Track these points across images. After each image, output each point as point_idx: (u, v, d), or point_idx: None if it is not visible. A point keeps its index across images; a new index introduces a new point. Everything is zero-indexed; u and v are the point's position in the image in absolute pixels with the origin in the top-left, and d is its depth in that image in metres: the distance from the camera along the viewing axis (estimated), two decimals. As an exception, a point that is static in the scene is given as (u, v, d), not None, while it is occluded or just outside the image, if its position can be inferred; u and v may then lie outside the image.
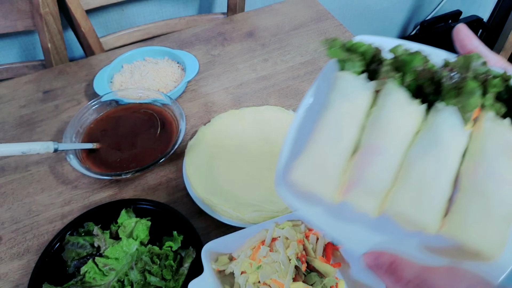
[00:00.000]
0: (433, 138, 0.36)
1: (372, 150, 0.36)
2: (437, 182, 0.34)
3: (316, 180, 0.36)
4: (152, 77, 0.87)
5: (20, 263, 0.63)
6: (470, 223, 0.33)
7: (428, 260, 0.35)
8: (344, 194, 0.36)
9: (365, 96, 0.39)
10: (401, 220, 0.35)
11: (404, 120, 0.37)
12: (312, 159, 0.36)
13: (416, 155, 0.35)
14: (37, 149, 0.63)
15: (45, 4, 0.99)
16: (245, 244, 0.56)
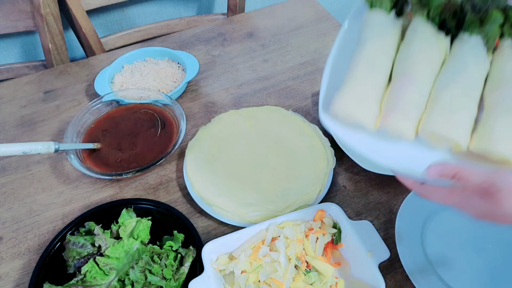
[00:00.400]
0: (458, 66, 0.40)
1: (405, 80, 0.40)
2: (465, 104, 0.38)
3: (358, 109, 0.40)
4: (152, 78, 0.87)
5: (21, 262, 0.63)
6: (497, 136, 0.36)
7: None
8: (383, 119, 0.40)
9: (394, 32, 0.43)
10: (435, 139, 0.39)
11: (432, 52, 0.41)
12: (352, 90, 0.41)
13: (445, 82, 0.40)
14: (38, 149, 0.63)
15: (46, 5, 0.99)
16: (245, 244, 0.57)
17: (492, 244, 0.61)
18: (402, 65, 0.42)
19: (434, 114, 0.39)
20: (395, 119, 0.40)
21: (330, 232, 0.58)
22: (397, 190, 0.69)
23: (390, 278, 0.59)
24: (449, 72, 0.41)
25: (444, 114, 0.39)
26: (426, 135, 0.40)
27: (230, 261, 0.55)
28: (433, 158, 0.39)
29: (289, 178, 0.69)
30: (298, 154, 0.72)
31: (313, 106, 0.85)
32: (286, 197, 0.66)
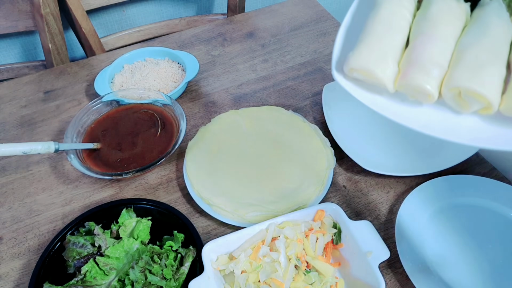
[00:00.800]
0: (483, 28, 0.37)
1: (425, 38, 0.38)
2: (493, 61, 0.35)
3: (375, 65, 0.37)
4: (152, 78, 0.87)
5: (21, 262, 0.63)
6: None
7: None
8: (402, 77, 0.37)
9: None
10: (461, 100, 0.36)
11: (452, 14, 0.39)
12: (369, 47, 0.38)
13: (468, 42, 0.37)
14: (38, 149, 0.63)
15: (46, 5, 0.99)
16: (245, 244, 0.57)
17: (493, 244, 0.61)
18: (421, 26, 0.39)
19: (460, 70, 0.36)
20: (415, 75, 0.36)
21: (330, 232, 0.58)
22: (397, 190, 0.69)
23: (390, 278, 0.59)
24: (471, 33, 0.38)
25: (471, 69, 0.35)
26: (450, 95, 0.36)
27: (230, 261, 0.55)
28: (459, 122, 0.37)
29: (289, 178, 0.69)
30: (298, 154, 0.72)
31: (313, 106, 0.85)
32: (286, 197, 0.66)
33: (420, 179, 0.70)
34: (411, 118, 0.38)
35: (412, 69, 0.37)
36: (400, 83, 0.38)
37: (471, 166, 0.72)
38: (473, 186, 0.66)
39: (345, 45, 0.41)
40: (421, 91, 0.37)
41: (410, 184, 0.70)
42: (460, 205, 0.65)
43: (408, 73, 0.37)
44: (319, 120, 0.82)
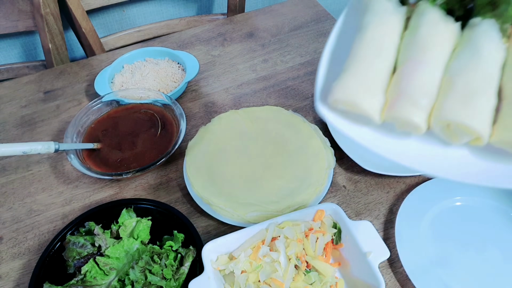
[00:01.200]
0: (473, 51, 0.35)
1: (413, 65, 0.35)
2: (483, 90, 0.33)
3: (360, 96, 0.35)
4: (152, 78, 0.87)
5: (21, 262, 0.63)
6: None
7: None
8: (390, 108, 0.35)
9: (399, 19, 0.39)
10: (450, 132, 0.34)
11: (441, 36, 0.36)
12: (354, 76, 0.36)
13: (459, 67, 0.35)
14: (38, 149, 0.63)
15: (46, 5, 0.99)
16: (245, 244, 0.57)
17: (492, 244, 0.61)
18: (409, 51, 0.37)
19: (449, 101, 0.33)
20: (403, 107, 0.34)
21: (330, 232, 0.58)
22: (397, 190, 0.69)
23: (390, 278, 0.59)
24: (461, 57, 0.36)
25: (460, 100, 0.33)
26: (439, 127, 0.34)
27: (230, 261, 0.55)
28: (448, 155, 0.35)
29: (289, 178, 0.69)
30: (298, 154, 0.72)
31: (313, 106, 0.85)
32: (286, 197, 0.66)
33: (420, 179, 0.70)
34: (399, 151, 0.36)
35: (400, 100, 0.35)
36: (387, 115, 0.35)
37: (471, 166, 0.72)
38: (473, 186, 0.66)
39: (330, 71, 0.39)
40: (409, 124, 0.35)
41: (410, 184, 0.70)
42: (460, 205, 0.65)
43: (396, 105, 0.35)
44: (319, 120, 0.82)
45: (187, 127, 0.80)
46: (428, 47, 0.36)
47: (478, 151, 0.35)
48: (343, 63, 0.37)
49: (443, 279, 0.56)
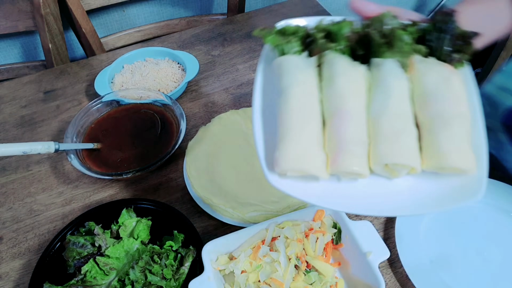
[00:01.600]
0: (385, 91, 0.40)
1: (340, 117, 0.39)
2: (404, 127, 0.39)
3: (304, 161, 0.38)
4: (152, 78, 0.87)
5: (21, 262, 0.63)
6: (445, 151, 0.37)
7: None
8: (333, 165, 0.39)
9: (312, 73, 0.42)
10: (389, 170, 0.39)
11: (356, 83, 0.41)
12: (292, 144, 0.38)
13: (377, 110, 0.40)
14: (38, 149, 0.63)
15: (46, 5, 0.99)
16: (245, 244, 0.57)
17: (492, 244, 0.61)
18: (332, 103, 0.40)
19: (381, 147, 0.38)
20: (343, 161, 0.38)
21: (330, 232, 0.58)
22: (397, 190, 0.69)
23: (390, 278, 0.59)
24: (377, 99, 0.40)
25: (389, 143, 0.38)
26: (379, 168, 0.39)
27: (230, 261, 0.55)
28: (395, 187, 0.39)
29: (289, 178, 0.69)
30: (298, 154, 0.72)
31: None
32: (286, 197, 0.66)
33: (420, 179, 0.70)
34: (354, 200, 0.39)
35: (338, 155, 0.38)
36: (332, 170, 0.38)
37: (471, 166, 0.72)
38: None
39: (266, 137, 0.42)
40: (353, 174, 0.38)
41: (410, 184, 0.70)
42: (460, 205, 0.65)
43: (337, 160, 0.38)
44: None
45: (187, 127, 0.80)
46: (348, 97, 0.40)
47: (421, 176, 0.39)
48: (276, 129, 0.40)
49: (443, 279, 0.56)
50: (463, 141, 0.38)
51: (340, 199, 0.39)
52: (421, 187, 0.39)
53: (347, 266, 0.57)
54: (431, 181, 0.39)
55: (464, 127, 0.38)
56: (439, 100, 0.39)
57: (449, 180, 0.39)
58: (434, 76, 0.40)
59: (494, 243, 0.61)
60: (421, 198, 0.39)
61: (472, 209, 0.65)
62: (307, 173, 0.38)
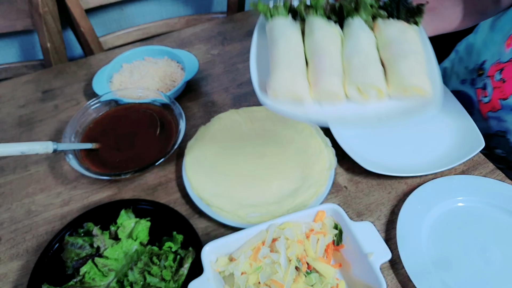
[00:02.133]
0: (355, 40, 0.52)
1: (320, 56, 0.51)
2: (371, 63, 0.50)
3: (292, 84, 0.49)
4: (151, 77, 0.87)
5: (19, 263, 0.63)
6: (405, 74, 0.48)
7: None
8: (315, 87, 0.49)
9: (297, 30, 0.55)
10: (361, 93, 0.49)
11: (331, 35, 0.53)
12: (282, 72, 0.49)
13: (350, 53, 0.51)
14: (36, 149, 0.63)
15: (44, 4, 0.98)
16: (245, 245, 0.56)
17: (494, 245, 0.60)
18: (313, 49, 0.52)
19: (353, 72, 0.49)
20: (324, 82, 0.48)
21: (331, 233, 0.57)
22: (399, 191, 0.69)
23: (391, 279, 0.59)
24: (349, 46, 0.52)
25: (360, 70, 0.49)
26: (353, 91, 0.49)
27: (230, 262, 0.55)
28: (366, 109, 0.49)
29: (290, 178, 0.69)
30: (298, 154, 0.72)
31: (313, 105, 0.85)
32: (286, 198, 0.65)
33: (421, 179, 0.70)
34: (331, 117, 0.50)
35: (320, 79, 0.49)
36: (314, 92, 0.49)
37: (472, 166, 0.72)
38: (474, 186, 0.66)
39: (259, 74, 0.53)
40: (331, 93, 0.49)
41: (412, 184, 0.69)
42: (461, 206, 0.65)
43: (318, 83, 0.49)
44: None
45: (186, 127, 0.80)
46: (326, 45, 0.52)
47: (385, 103, 0.50)
48: (268, 67, 0.51)
49: (444, 280, 0.56)
50: (419, 69, 0.49)
51: (323, 117, 0.50)
52: (387, 107, 0.49)
53: (348, 268, 0.56)
54: (396, 103, 0.49)
55: (419, 60, 0.50)
56: (398, 43, 0.51)
57: (410, 102, 0.49)
58: (394, 29, 0.53)
59: (496, 244, 0.60)
60: (386, 114, 0.49)
61: (474, 210, 0.64)
62: (294, 94, 0.49)
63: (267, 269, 0.53)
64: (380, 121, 0.49)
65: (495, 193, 0.65)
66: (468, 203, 0.65)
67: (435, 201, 0.64)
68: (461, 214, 0.64)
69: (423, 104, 0.48)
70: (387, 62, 0.51)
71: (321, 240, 0.56)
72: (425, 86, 0.47)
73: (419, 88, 0.47)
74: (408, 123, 0.78)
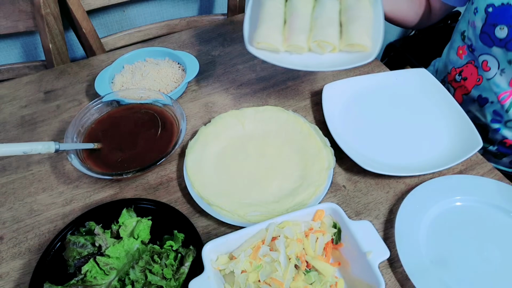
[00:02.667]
0: (322, 6, 0.73)
1: (293, 17, 0.71)
2: (331, 24, 0.70)
3: (270, 38, 0.69)
4: (153, 78, 0.87)
5: (21, 262, 0.63)
6: (352, 34, 0.68)
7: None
8: (287, 41, 0.69)
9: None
10: (320, 47, 0.70)
11: (305, 1, 0.74)
12: (264, 29, 0.69)
13: (316, 16, 0.72)
14: (38, 149, 0.63)
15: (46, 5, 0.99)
16: (245, 243, 0.57)
17: (492, 244, 0.61)
18: (290, 11, 0.73)
19: (315, 32, 0.70)
20: (293, 39, 0.69)
21: (330, 232, 0.58)
22: (397, 190, 0.69)
23: (390, 278, 0.59)
24: (317, 10, 0.73)
25: (320, 31, 0.69)
26: (314, 45, 0.69)
27: (230, 260, 0.55)
28: (323, 58, 0.70)
29: (289, 177, 0.69)
30: (298, 154, 0.73)
31: (313, 106, 0.85)
32: (286, 197, 0.66)
33: (420, 179, 0.70)
34: (298, 63, 0.68)
35: (291, 35, 0.69)
36: (286, 45, 0.70)
37: (470, 166, 0.72)
38: (472, 186, 0.66)
39: (250, 28, 0.70)
40: (298, 47, 0.69)
41: (410, 184, 0.70)
42: (459, 205, 0.66)
43: (289, 38, 0.69)
44: (319, 120, 0.82)
45: (187, 127, 0.80)
46: (299, 7, 0.73)
47: (338, 54, 0.70)
48: (257, 22, 0.71)
49: (443, 279, 0.56)
50: (363, 30, 0.68)
51: (290, 63, 0.68)
52: (338, 58, 0.69)
53: (347, 266, 0.57)
54: (345, 55, 0.69)
55: (365, 24, 0.69)
56: (352, 9, 0.71)
57: (355, 54, 0.68)
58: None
59: (494, 243, 0.61)
60: (336, 62, 0.68)
61: (472, 209, 0.65)
62: (271, 46, 0.69)
63: (267, 268, 0.54)
64: (333, 67, 0.68)
65: (492, 193, 0.66)
66: (466, 203, 0.66)
67: (433, 200, 0.65)
68: (459, 213, 0.64)
69: (364, 56, 0.66)
70: (343, 24, 0.71)
71: (320, 238, 0.57)
72: (366, 43, 0.67)
73: (361, 45, 0.67)
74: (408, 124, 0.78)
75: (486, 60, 0.83)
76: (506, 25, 0.76)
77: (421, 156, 0.72)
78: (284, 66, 0.67)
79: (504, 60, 0.79)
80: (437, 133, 0.76)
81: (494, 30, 0.77)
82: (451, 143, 0.73)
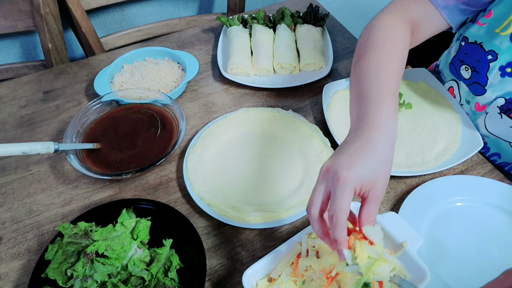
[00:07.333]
0: (280, 38, 0.93)
1: (259, 48, 0.90)
2: (289, 50, 0.90)
3: (242, 65, 0.87)
4: (152, 77, 0.87)
5: (20, 263, 0.63)
6: (305, 59, 0.89)
7: None
8: (256, 66, 0.88)
9: (246, 33, 0.96)
10: (283, 69, 0.89)
11: (267, 35, 0.94)
12: (236, 57, 0.88)
13: (276, 46, 0.92)
14: (37, 149, 0.63)
15: (45, 5, 0.99)
16: (281, 262, 0.54)
17: (492, 244, 0.61)
18: (255, 44, 0.92)
19: (278, 57, 0.89)
20: (261, 63, 0.88)
21: None
22: (398, 191, 0.69)
23: (390, 279, 0.59)
24: (277, 41, 0.93)
25: (282, 55, 0.89)
26: (278, 67, 0.88)
27: (270, 283, 0.52)
28: (287, 77, 0.89)
29: (290, 178, 0.69)
30: (298, 155, 0.72)
31: (313, 106, 0.85)
32: (286, 198, 0.66)
33: (420, 179, 0.70)
34: (265, 83, 0.87)
35: (258, 61, 0.88)
36: (255, 69, 0.88)
37: (471, 166, 0.72)
38: (473, 186, 0.66)
39: (223, 58, 0.91)
40: (265, 69, 0.88)
41: (411, 184, 0.70)
42: (460, 205, 0.65)
43: (257, 63, 0.88)
44: (319, 120, 0.82)
45: (187, 127, 0.80)
46: (263, 41, 0.92)
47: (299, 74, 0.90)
48: (228, 54, 0.90)
49: (443, 279, 0.56)
50: (317, 53, 0.89)
51: (260, 83, 0.86)
52: (300, 75, 0.89)
53: None
54: (305, 73, 0.89)
55: (317, 48, 0.90)
56: (304, 38, 0.93)
57: (312, 72, 0.89)
58: (304, 29, 0.95)
59: (495, 243, 0.61)
60: (299, 78, 0.88)
61: (473, 210, 0.65)
62: (243, 70, 0.87)
63: (312, 282, 0.51)
64: (295, 82, 0.86)
65: (493, 193, 0.65)
66: (467, 203, 0.65)
67: (434, 200, 0.65)
68: (460, 213, 0.64)
69: (320, 72, 0.88)
70: (300, 49, 0.92)
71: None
72: (319, 62, 0.88)
73: (316, 63, 0.88)
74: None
75: (452, 87, 0.81)
76: (470, 67, 0.71)
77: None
78: (256, 86, 0.85)
79: (468, 96, 0.76)
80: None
81: (460, 67, 0.73)
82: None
